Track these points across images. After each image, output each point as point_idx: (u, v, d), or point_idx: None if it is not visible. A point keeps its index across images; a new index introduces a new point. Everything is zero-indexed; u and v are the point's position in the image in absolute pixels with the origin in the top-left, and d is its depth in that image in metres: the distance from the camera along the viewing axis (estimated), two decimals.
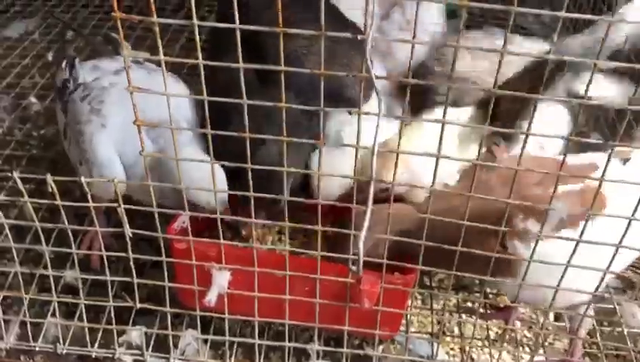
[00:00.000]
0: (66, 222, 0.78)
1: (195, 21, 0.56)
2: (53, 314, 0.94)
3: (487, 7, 0.52)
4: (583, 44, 0.96)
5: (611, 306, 0.99)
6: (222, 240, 0.74)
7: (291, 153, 0.70)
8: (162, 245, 0.76)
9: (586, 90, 0.55)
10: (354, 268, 0.64)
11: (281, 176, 0.66)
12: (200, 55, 0.59)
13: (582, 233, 0.65)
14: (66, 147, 1.01)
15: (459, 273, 0.72)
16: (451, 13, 1.27)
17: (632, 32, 0.92)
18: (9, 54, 1.55)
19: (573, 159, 0.80)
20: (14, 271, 0.94)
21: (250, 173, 0.65)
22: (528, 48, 1.01)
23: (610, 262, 0.66)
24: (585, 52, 0.95)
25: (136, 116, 0.64)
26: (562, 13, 0.51)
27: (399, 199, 0.87)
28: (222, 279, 0.79)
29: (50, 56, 1.51)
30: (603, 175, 0.59)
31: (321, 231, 0.70)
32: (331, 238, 0.81)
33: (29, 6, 1.78)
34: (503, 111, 0.89)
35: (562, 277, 0.69)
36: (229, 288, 0.79)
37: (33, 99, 1.39)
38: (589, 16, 0.67)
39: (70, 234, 0.80)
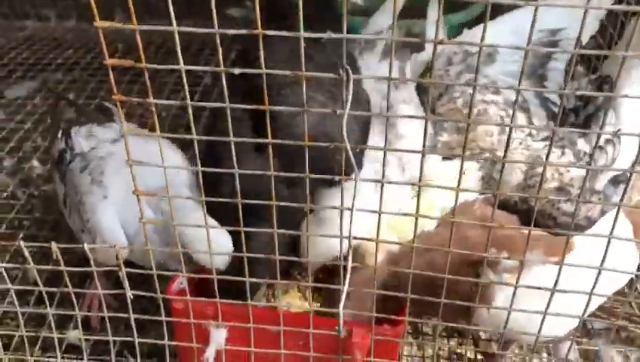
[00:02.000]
0: (70, 286, 0.82)
1: (189, 102, 0.62)
2: None
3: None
4: None
5: (594, 348, 1.02)
6: (218, 299, 0.77)
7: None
8: (162, 305, 0.80)
9: None
10: (336, 329, 0.68)
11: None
12: (194, 132, 0.64)
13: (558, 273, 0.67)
14: (66, 215, 1.04)
15: (445, 322, 0.76)
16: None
17: None
18: (11, 118, 1.61)
19: None
20: (19, 334, 0.97)
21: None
22: None
23: (587, 305, 0.70)
24: None
25: (136, 187, 0.68)
26: (566, 91, 0.57)
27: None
28: (219, 336, 0.82)
29: (49, 121, 1.57)
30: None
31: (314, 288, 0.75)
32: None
33: (30, 71, 1.86)
34: None
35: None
36: (226, 344, 0.83)
37: (35, 163, 1.44)
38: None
39: (73, 296, 0.84)
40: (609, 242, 0.61)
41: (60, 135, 1.06)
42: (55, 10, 2.19)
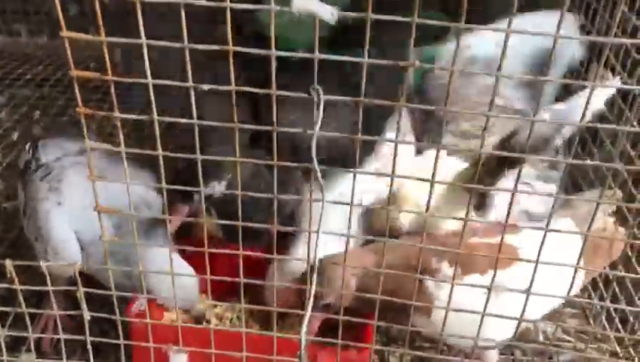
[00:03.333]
0: (24, 306, 0.79)
1: (155, 116, 0.61)
2: None
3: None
4: None
5: None
6: (179, 323, 0.75)
7: None
8: (120, 327, 0.77)
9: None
10: (299, 354, 0.66)
11: None
12: (160, 147, 0.62)
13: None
14: (25, 225, 1.02)
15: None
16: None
17: None
18: None
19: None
20: None
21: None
22: None
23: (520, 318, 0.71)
24: None
25: (97, 203, 0.66)
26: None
27: None
28: (179, 360, 0.79)
29: (15, 136, 1.54)
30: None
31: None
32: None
33: None
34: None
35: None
36: None
37: None
38: None
39: (27, 316, 0.80)
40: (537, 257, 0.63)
41: (27, 146, 1.05)
42: (27, 25, 2.16)
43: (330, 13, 0.51)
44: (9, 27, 2.14)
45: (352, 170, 0.63)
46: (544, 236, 0.64)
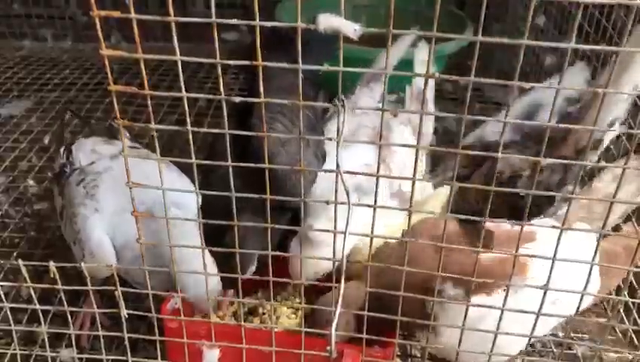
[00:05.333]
0: (65, 305, 0.83)
1: (190, 127, 0.64)
2: None
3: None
4: None
5: None
6: (212, 319, 0.79)
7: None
8: (156, 324, 0.81)
9: None
10: (328, 349, 0.70)
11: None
12: (194, 157, 0.66)
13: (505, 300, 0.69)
14: (62, 228, 1.07)
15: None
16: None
17: None
18: (7, 137, 1.63)
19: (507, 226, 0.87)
20: (11, 351, 0.98)
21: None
22: None
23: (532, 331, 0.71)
24: None
25: (134, 208, 0.70)
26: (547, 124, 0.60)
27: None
28: (212, 356, 0.83)
29: (46, 140, 1.59)
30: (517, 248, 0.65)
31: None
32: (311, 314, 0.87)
33: (26, 90, 1.87)
34: None
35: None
36: None
37: (30, 182, 1.45)
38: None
39: (68, 314, 0.85)
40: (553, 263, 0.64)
41: (62, 150, 1.09)
42: (52, 30, 2.22)
43: (353, 30, 0.54)
44: (35, 32, 2.20)
45: None
46: (558, 241, 0.63)
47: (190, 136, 0.64)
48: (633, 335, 1.04)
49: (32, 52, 2.15)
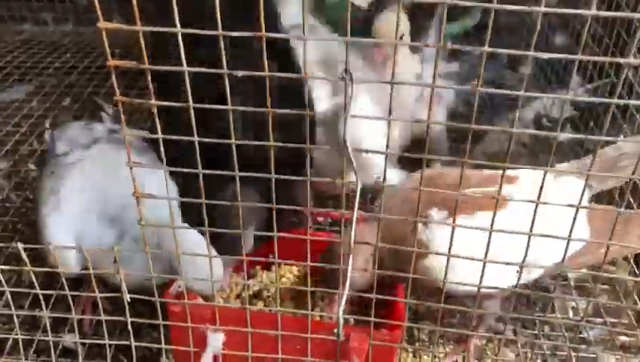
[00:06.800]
0: (67, 289, 0.82)
1: (192, 104, 0.62)
2: None
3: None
4: None
5: (592, 355, 1.03)
6: (216, 303, 0.77)
7: None
8: (159, 308, 0.79)
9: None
10: (335, 332, 0.68)
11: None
12: (195, 134, 0.64)
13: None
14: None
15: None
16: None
17: None
18: (7, 121, 1.61)
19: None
20: (13, 336, 0.96)
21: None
22: None
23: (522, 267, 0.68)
24: None
25: (135, 188, 0.67)
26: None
27: None
28: (216, 340, 0.82)
29: (47, 124, 1.57)
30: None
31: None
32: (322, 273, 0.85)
33: (27, 74, 1.85)
34: None
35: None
36: (223, 349, 0.82)
37: (31, 166, 1.43)
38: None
39: (70, 299, 0.83)
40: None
41: (48, 135, 1.05)
42: (53, 13, 2.19)
43: None
44: (36, 15, 2.17)
45: None
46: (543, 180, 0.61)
47: (192, 113, 0.62)
48: None
49: (32, 36, 2.11)
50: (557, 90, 1.52)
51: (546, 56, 0.54)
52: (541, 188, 0.61)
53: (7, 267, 0.82)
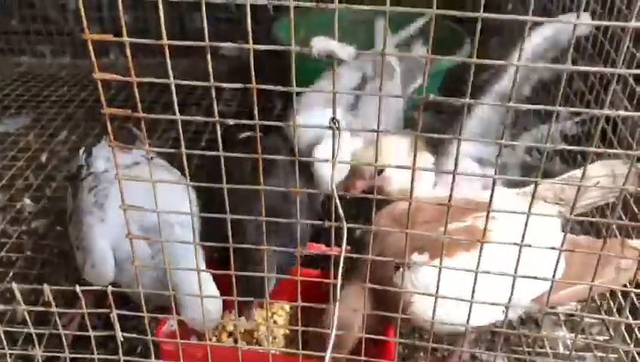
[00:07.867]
0: (60, 328, 0.82)
1: (184, 150, 0.64)
2: None
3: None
4: None
5: None
6: (208, 342, 0.78)
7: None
8: (152, 347, 0.80)
9: None
10: None
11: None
12: (188, 178, 0.66)
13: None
14: (69, 229, 1.06)
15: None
16: None
17: None
18: (4, 155, 1.62)
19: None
20: None
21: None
22: None
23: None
24: None
25: (129, 231, 0.70)
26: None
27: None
28: None
29: (44, 158, 1.59)
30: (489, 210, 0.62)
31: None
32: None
33: (24, 107, 1.87)
34: None
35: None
36: None
37: (27, 200, 1.45)
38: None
39: (63, 337, 0.84)
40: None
41: (82, 151, 1.09)
42: (51, 46, 2.22)
43: (347, 54, 0.54)
44: (33, 48, 2.20)
45: None
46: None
47: (184, 159, 0.64)
48: (635, 355, 1.03)
49: (30, 68, 2.15)
50: (547, 122, 1.55)
51: (524, 107, 0.56)
52: (525, 227, 0.63)
53: (2, 306, 0.82)
